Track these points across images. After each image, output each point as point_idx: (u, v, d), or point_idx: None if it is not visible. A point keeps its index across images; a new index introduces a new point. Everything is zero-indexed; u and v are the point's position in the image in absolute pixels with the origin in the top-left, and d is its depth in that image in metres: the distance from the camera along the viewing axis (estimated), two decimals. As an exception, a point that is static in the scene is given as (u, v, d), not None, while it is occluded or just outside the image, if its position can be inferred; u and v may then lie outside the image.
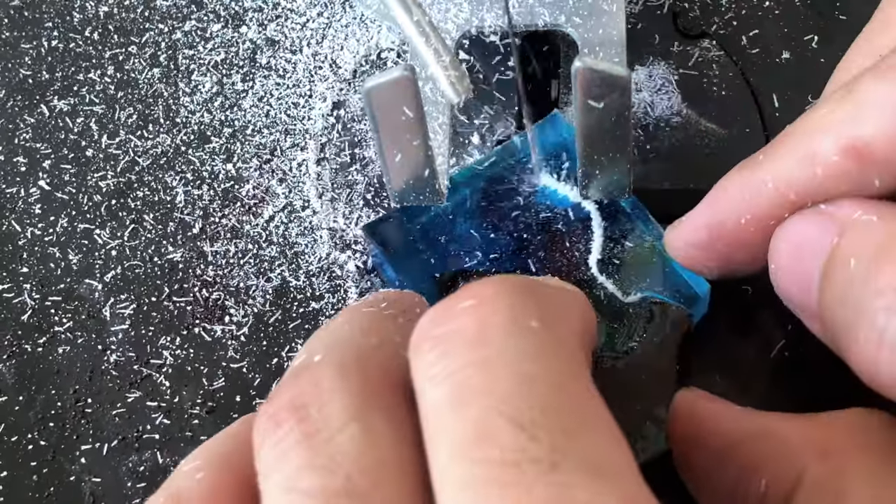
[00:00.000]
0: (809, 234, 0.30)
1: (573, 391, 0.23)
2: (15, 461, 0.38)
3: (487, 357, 0.23)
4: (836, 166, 0.29)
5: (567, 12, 0.39)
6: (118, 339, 0.40)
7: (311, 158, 0.42)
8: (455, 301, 0.25)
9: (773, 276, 0.32)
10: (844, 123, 0.29)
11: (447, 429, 0.23)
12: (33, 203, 0.43)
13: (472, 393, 0.22)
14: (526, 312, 0.24)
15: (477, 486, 0.21)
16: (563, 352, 0.24)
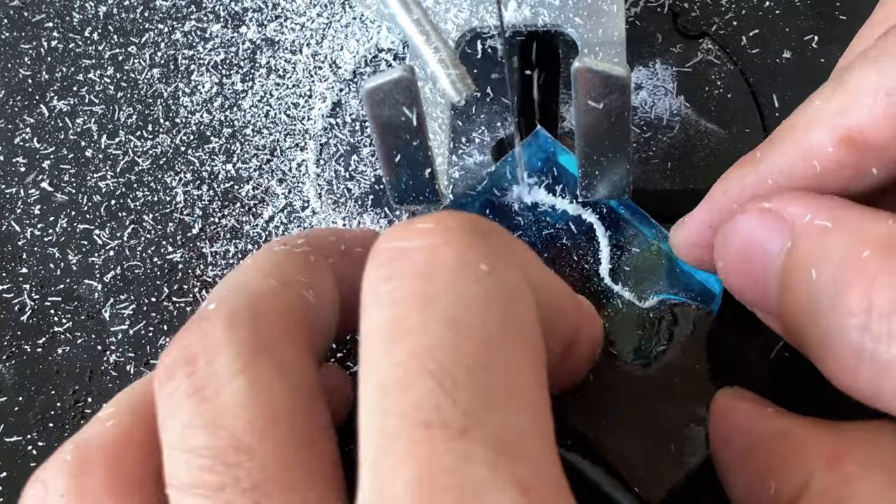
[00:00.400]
0: (759, 236, 0.30)
1: (504, 352, 0.22)
2: (14, 462, 0.38)
3: (429, 295, 0.23)
4: (833, 158, 0.29)
5: (567, 12, 0.39)
6: (118, 339, 0.40)
7: (311, 159, 0.42)
8: (417, 220, 0.24)
9: (722, 273, 0.32)
10: (837, 114, 0.29)
11: (375, 364, 0.22)
12: (33, 203, 0.43)
13: (406, 331, 0.22)
14: (478, 252, 0.23)
15: (385, 436, 0.21)
16: (506, 304, 0.23)
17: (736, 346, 0.37)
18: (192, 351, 0.25)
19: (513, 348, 0.23)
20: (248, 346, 0.25)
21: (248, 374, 0.24)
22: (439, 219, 0.24)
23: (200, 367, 0.25)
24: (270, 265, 0.28)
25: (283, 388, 0.25)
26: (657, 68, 0.42)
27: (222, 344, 0.25)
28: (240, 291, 0.27)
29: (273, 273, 0.28)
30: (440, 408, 0.21)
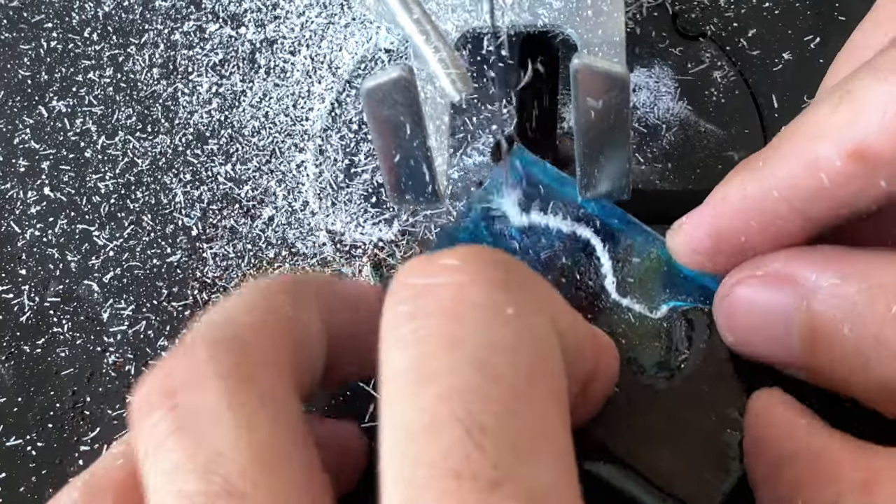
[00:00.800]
0: (767, 301, 0.30)
1: (533, 398, 0.22)
2: (14, 462, 0.38)
3: (457, 337, 0.22)
4: (842, 172, 0.28)
5: (567, 12, 0.39)
6: (117, 340, 0.40)
7: (310, 159, 0.42)
8: (440, 255, 0.24)
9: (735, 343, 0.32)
10: (846, 127, 0.28)
11: (400, 408, 0.22)
12: (32, 204, 0.43)
13: (434, 374, 0.22)
14: (505, 295, 0.23)
15: (414, 486, 0.21)
16: (533, 347, 0.23)
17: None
18: (173, 382, 0.24)
19: (541, 394, 0.22)
20: (232, 378, 0.24)
21: (235, 412, 0.24)
22: (464, 255, 0.24)
23: (182, 400, 0.24)
24: (256, 298, 0.27)
25: (272, 428, 0.24)
26: (656, 69, 0.42)
27: (206, 376, 0.24)
28: (223, 322, 0.26)
29: (258, 305, 0.27)
30: (470, 458, 0.20)
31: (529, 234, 0.36)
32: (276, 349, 0.26)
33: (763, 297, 0.30)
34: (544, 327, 0.24)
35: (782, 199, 0.30)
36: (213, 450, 0.23)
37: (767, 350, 0.31)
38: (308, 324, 0.28)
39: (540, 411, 0.22)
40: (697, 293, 0.35)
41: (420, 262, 0.24)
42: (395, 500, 0.21)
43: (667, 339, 0.34)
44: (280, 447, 0.24)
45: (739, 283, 0.31)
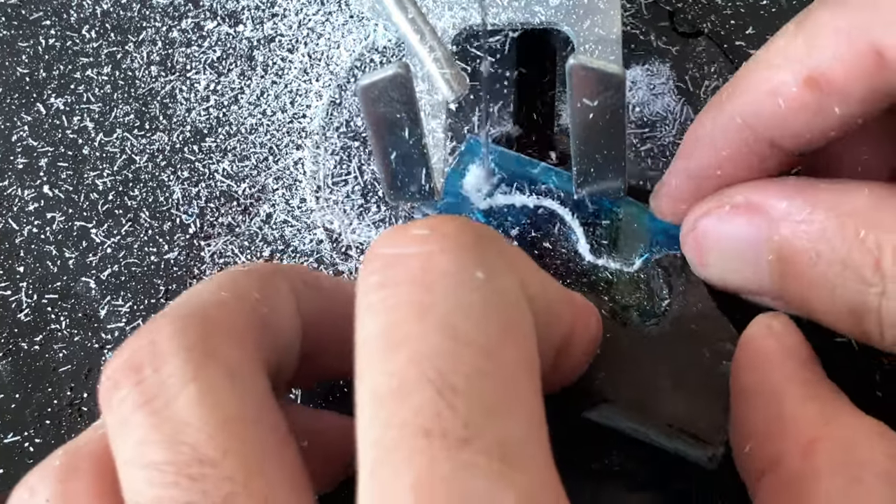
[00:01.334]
0: (738, 232, 0.31)
1: (503, 360, 0.22)
2: (11, 459, 0.38)
3: (426, 303, 0.22)
4: (798, 98, 0.30)
5: (563, 10, 0.39)
6: (114, 337, 0.40)
7: (308, 157, 0.42)
8: (412, 226, 0.24)
9: (705, 272, 0.33)
10: (801, 56, 0.30)
11: (372, 373, 0.22)
12: (30, 201, 0.43)
13: (403, 339, 0.22)
14: (475, 260, 0.23)
15: (384, 446, 0.21)
16: (503, 311, 0.23)
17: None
18: (138, 358, 0.25)
19: (511, 356, 0.23)
20: (197, 351, 0.24)
21: (199, 383, 0.24)
22: (434, 224, 0.24)
23: (147, 375, 0.24)
24: (225, 280, 0.28)
25: (239, 399, 0.24)
26: (653, 67, 0.42)
27: (170, 350, 0.24)
28: (190, 301, 0.27)
29: (226, 286, 0.27)
30: (440, 416, 0.21)
31: (496, 216, 0.37)
32: (241, 326, 0.26)
33: (732, 227, 0.31)
34: (514, 291, 0.24)
35: (746, 125, 0.31)
36: (180, 420, 0.23)
37: (739, 280, 0.32)
38: (277, 306, 0.28)
39: (510, 373, 0.22)
40: (667, 241, 0.35)
41: (391, 232, 0.24)
42: (367, 462, 0.21)
43: (647, 289, 0.35)
44: (248, 417, 0.24)
45: (706, 215, 0.32)
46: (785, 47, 0.31)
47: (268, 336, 0.27)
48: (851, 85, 0.29)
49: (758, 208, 0.31)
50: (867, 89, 0.29)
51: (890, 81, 0.29)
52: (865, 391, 0.34)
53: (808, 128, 0.30)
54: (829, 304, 0.29)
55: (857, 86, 0.29)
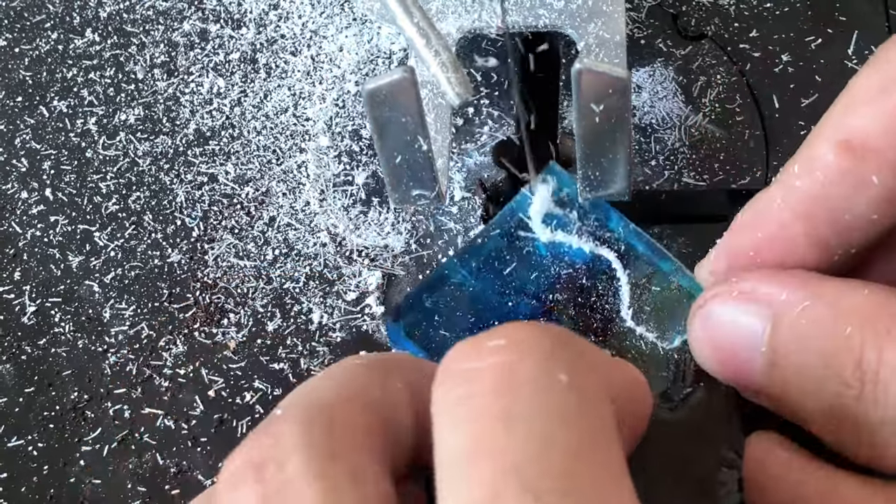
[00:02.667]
0: (737, 319, 0.30)
1: (593, 459, 0.22)
2: (15, 463, 0.38)
3: (511, 411, 0.22)
4: (834, 167, 0.29)
5: (568, 13, 0.39)
6: (118, 340, 0.40)
7: (311, 160, 0.42)
8: (485, 338, 0.24)
9: (701, 357, 0.32)
10: (836, 121, 0.29)
11: (460, 486, 0.22)
12: (33, 204, 0.43)
13: (490, 450, 0.22)
14: (556, 365, 0.23)
15: None
16: (589, 412, 0.23)
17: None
18: (263, 456, 0.24)
19: (601, 456, 0.22)
20: (322, 452, 0.24)
21: (323, 483, 0.23)
22: (509, 332, 0.24)
23: (270, 472, 0.24)
24: (345, 377, 0.27)
25: (359, 498, 0.23)
26: (657, 70, 0.42)
27: (296, 449, 0.24)
28: (312, 400, 0.26)
29: (347, 384, 0.27)
30: None
31: (552, 251, 0.36)
32: (365, 427, 0.25)
33: (733, 314, 0.30)
34: (596, 391, 0.24)
35: (785, 205, 0.30)
36: None
37: (732, 369, 0.31)
38: (396, 404, 0.27)
39: (601, 474, 0.22)
40: None
41: (464, 346, 0.24)
42: None
43: (674, 371, 0.34)
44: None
45: (714, 298, 0.31)
46: (825, 116, 0.29)
47: (390, 434, 0.27)
48: (887, 148, 0.28)
49: (760, 297, 0.30)
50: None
51: None
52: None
53: (844, 204, 0.29)
54: (811, 405, 0.28)
55: (892, 149, 0.28)
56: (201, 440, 0.38)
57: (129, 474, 0.38)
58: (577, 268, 0.36)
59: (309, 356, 0.39)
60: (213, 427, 0.38)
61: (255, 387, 0.39)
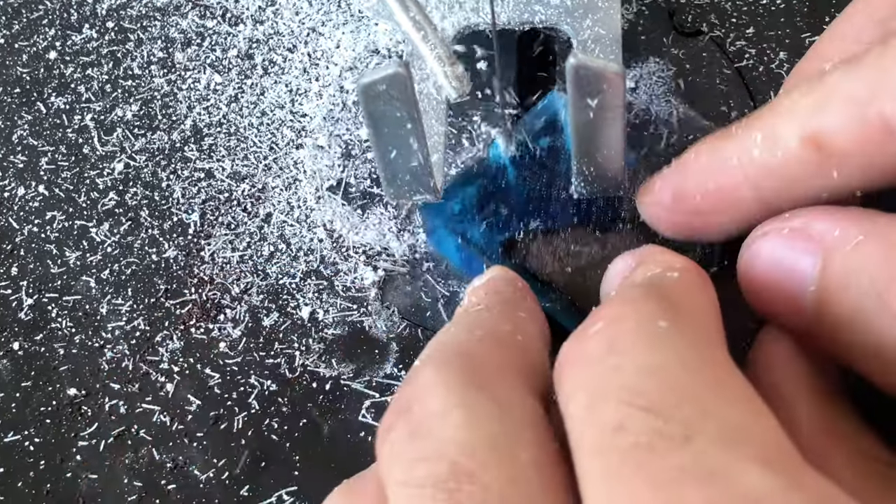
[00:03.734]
0: (787, 256, 0.30)
1: (708, 373, 0.23)
2: (12, 458, 0.38)
3: (618, 363, 0.24)
4: (796, 153, 0.30)
5: (563, 10, 0.39)
6: (114, 336, 0.40)
7: (308, 156, 0.42)
8: (586, 326, 0.26)
9: (750, 296, 0.32)
10: (808, 113, 0.29)
11: (586, 431, 0.23)
12: (30, 200, 0.43)
13: (606, 393, 0.23)
14: (651, 317, 0.25)
15: (612, 471, 0.22)
16: (694, 341, 0.24)
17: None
18: (406, 400, 0.26)
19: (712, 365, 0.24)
20: (461, 384, 0.26)
21: (464, 407, 0.25)
22: (603, 314, 0.26)
23: (415, 410, 0.26)
24: (472, 321, 0.29)
25: (502, 417, 0.25)
26: (653, 66, 0.42)
27: (434, 385, 0.26)
28: (446, 344, 0.28)
29: (475, 325, 0.29)
30: (659, 430, 0.22)
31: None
32: (500, 358, 0.27)
33: (783, 252, 0.31)
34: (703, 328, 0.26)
35: (740, 166, 0.31)
36: (441, 438, 0.24)
37: (782, 310, 0.31)
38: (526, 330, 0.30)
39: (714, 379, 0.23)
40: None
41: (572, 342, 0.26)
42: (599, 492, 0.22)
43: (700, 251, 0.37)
44: (508, 432, 0.25)
45: (763, 237, 0.31)
46: (795, 101, 0.30)
47: (527, 362, 0.28)
48: (854, 153, 0.28)
49: (812, 234, 0.30)
50: (870, 160, 0.28)
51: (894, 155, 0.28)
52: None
53: (799, 186, 0.30)
54: (862, 343, 0.28)
55: (860, 155, 0.28)
56: (197, 436, 0.38)
57: (125, 469, 0.38)
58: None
59: (305, 352, 0.39)
60: (209, 423, 0.38)
61: (252, 382, 0.39)
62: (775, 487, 0.21)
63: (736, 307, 0.31)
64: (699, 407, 0.22)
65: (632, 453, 0.22)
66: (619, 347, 0.24)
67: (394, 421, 0.26)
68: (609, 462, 0.22)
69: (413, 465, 0.24)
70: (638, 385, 0.23)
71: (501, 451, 0.24)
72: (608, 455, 0.22)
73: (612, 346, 0.24)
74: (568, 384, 0.25)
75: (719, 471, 0.21)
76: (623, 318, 0.25)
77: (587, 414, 0.23)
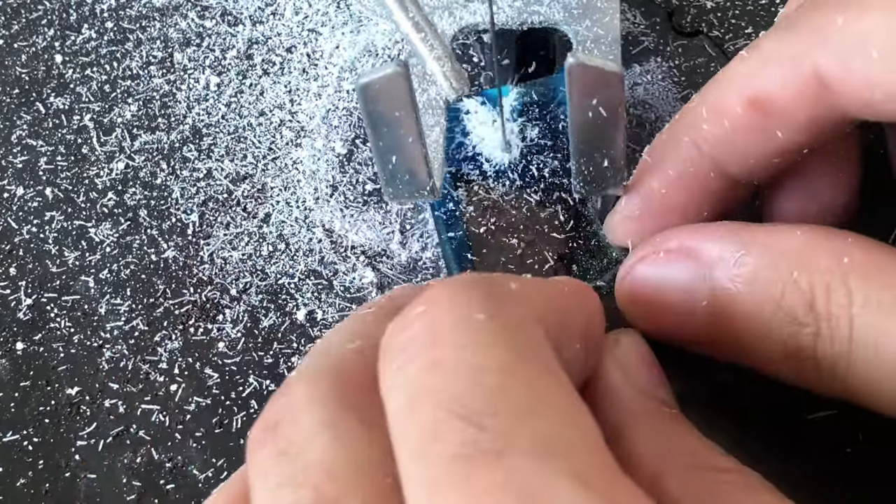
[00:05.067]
0: (670, 276, 0.31)
1: (523, 375, 0.23)
2: (10, 457, 0.38)
3: (437, 358, 0.23)
4: (741, 119, 0.30)
5: (562, 10, 0.39)
6: (113, 336, 0.40)
7: (307, 156, 0.42)
8: (409, 309, 0.25)
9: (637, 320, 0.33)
10: (747, 78, 0.30)
11: (405, 434, 0.23)
12: (29, 200, 0.43)
13: (424, 396, 0.23)
14: (472, 306, 0.24)
15: (433, 483, 0.22)
16: (513, 337, 0.24)
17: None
18: (277, 417, 0.26)
19: (528, 371, 0.23)
20: (332, 403, 0.25)
21: (332, 430, 0.25)
22: (426, 296, 0.25)
23: (284, 429, 0.25)
24: (356, 327, 0.29)
25: (368, 440, 0.24)
26: (652, 66, 0.42)
27: (306, 403, 0.25)
28: (323, 355, 0.28)
29: (358, 334, 0.28)
30: (476, 440, 0.21)
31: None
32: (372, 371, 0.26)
33: (665, 273, 0.31)
34: (518, 319, 0.25)
35: (692, 142, 0.32)
36: (308, 463, 0.24)
37: (672, 328, 0.32)
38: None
39: (532, 383, 0.23)
40: None
41: (394, 324, 0.25)
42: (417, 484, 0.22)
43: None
44: (374, 457, 0.24)
45: (641, 261, 0.32)
46: (734, 69, 0.31)
47: None
48: (794, 109, 0.29)
49: (691, 253, 0.31)
50: (810, 115, 0.29)
51: (832, 108, 0.29)
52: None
53: (750, 150, 0.31)
54: (765, 349, 0.29)
55: (799, 111, 0.29)
56: (196, 435, 0.38)
57: (124, 469, 0.38)
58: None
59: (304, 352, 0.39)
60: (208, 422, 0.38)
61: (250, 382, 0.39)
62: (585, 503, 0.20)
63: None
64: (514, 416, 0.22)
65: (450, 465, 0.21)
66: (440, 339, 0.24)
67: (262, 439, 0.26)
68: (429, 472, 0.22)
69: (278, 490, 0.24)
70: (454, 388, 0.22)
71: (366, 475, 0.24)
72: (429, 464, 0.22)
73: (434, 337, 0.24)
74: (388, 379, 0.24)
75: (531, 489, 0.20)
76: (444, 302, 0.24)
77: (407, 416, 0.23)
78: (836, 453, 0.34)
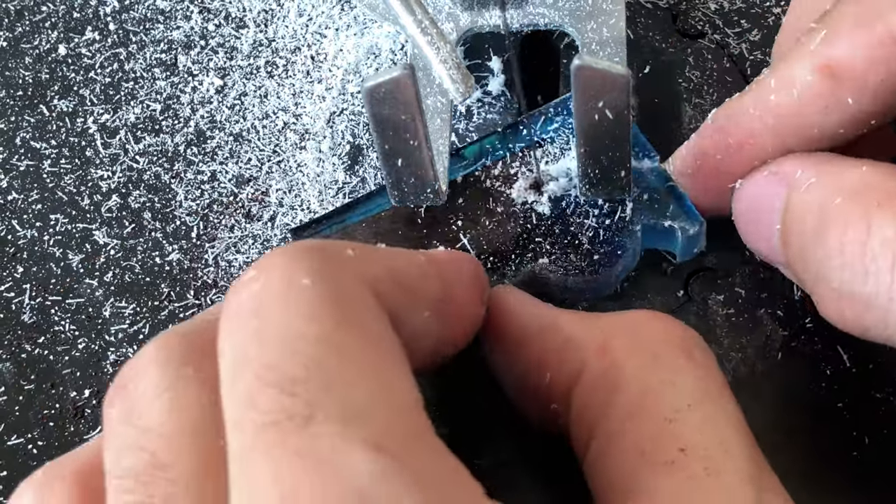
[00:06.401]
0: (761, 194, 0.32)
1: (340, 342, 0.23)
2: (15, 461, 0.38)
3: (259, 327, 0.24)
4: (812, 87, 0.31)
5: (567, 12, 0.39)
6: (118, 339, 0.40)
7: (312, 159, 0.42)
8: (245, 274, 0.26)
9: (741, 234, 0.34)
10: (819, 45, 0.30)
11: (227, 400, 0.23)
12: (33, 203, 0.43)
13: (244, 363, 0.23)
14: (299, 273, 0.24)
15: (244, 450, 0.22)
16: (336, 304, 0.24)
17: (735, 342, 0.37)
18: (125, 377, 0.26)
19: (349, 338, 0.24)
20: (173, 365, 0.26)
21: (171, 393, 0.25)
22: (259, 263, 0.25)
23: (129, 389, 0.26)
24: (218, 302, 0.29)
25: (208, 403, 0.25)
26: (656, 69, 0.42)
27: (150, 365, 0.26)
28: (185, 323, 0.29)
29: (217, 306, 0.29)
30: (285, 408, 0.22)
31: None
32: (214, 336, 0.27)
33: (758, 190, 0.32)
34: (345, 286, 0.25)
35: (756, 115, 0.32)
36: (146, 427, 0.25)
37: (760, 243, 0.33)
38: None
39: (349, 351, 0.23)
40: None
41: (230, 290, 0.26)
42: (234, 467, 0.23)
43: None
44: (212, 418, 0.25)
45: (749, 177, 0.33)
46: (803, 43, 0.31)
47: None
48: (866, 73, 0.29)
49: (780, 175, 0.32)
50: (882, 78, 0.29)
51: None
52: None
53: (816, 121, 0.31)
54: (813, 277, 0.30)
55: (872, 74, 0.29)
56: (201, 438, 0.38)
57: (128, 473, 0.38)
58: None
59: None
60: (212, 425, 0.38)
61: (255, 385, 0.39)
62: (375, 471, 0.21)
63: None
64: (325, 382, 0.22)
65: (261, 433, 0.22)
66: (263, 307, 0.24)
67: (112, 398, 0.26)
68: (243, 439, 0.22)
69: (120, 454, 0.25)
70: (272, 357, 0.23)
71: (200, 439, 0.24)
72: (243, 431, 0.22)
73: (258, 304, 0.24)
74: (221, 340, 0.25)
75: (328, 456, 0.21)
76: (273, 269, 0.25)
77: (229, 383, 0.24)
78: (842, 456, 0.34)
